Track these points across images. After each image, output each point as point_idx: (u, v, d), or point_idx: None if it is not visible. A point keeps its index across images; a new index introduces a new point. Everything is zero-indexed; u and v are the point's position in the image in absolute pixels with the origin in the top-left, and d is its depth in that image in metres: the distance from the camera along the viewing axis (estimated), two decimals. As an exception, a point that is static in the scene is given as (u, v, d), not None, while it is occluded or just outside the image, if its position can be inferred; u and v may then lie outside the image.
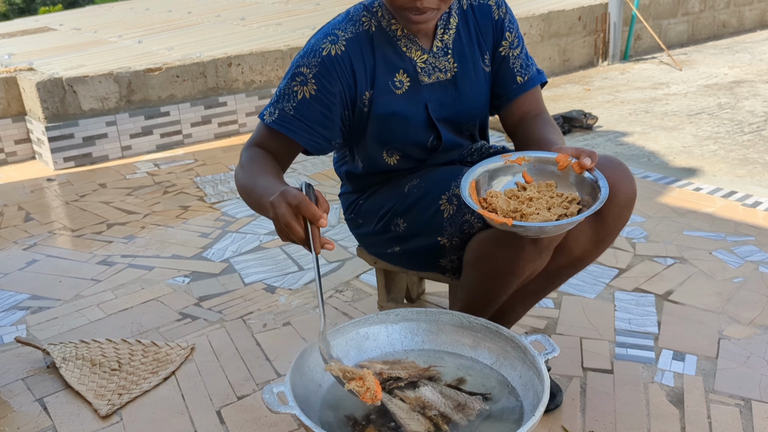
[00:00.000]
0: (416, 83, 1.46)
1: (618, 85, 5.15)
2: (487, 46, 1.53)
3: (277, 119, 1.40)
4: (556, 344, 1.22)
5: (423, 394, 1.19)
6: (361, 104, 1.44)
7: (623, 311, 2.00)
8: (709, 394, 1.62)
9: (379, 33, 1.44)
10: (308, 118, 1.39)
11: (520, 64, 1.54)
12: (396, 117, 1.46)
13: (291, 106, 1.39)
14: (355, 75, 1.41)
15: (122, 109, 3.92)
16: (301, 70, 1.39)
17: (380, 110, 1.45)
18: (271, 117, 1.41)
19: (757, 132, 3.77)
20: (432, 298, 2.02)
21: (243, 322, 2.05)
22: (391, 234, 1.56)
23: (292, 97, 1.39)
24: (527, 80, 1.54)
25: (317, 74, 1.38)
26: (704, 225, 2.56)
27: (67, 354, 1.87)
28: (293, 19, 6.12)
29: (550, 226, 1.17)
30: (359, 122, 1.47)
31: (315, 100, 1.39)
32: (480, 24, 1.51)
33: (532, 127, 1.50)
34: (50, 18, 8.73)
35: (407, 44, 1.45)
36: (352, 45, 1.41)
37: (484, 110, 1.58)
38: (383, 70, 1.44)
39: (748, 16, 7.21)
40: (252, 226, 2.80)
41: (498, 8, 1.52)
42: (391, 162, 1.54)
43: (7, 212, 3.14)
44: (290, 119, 1.39)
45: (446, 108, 1.50)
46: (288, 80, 1.41)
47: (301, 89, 1.39)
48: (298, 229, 1.11)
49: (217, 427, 1.60)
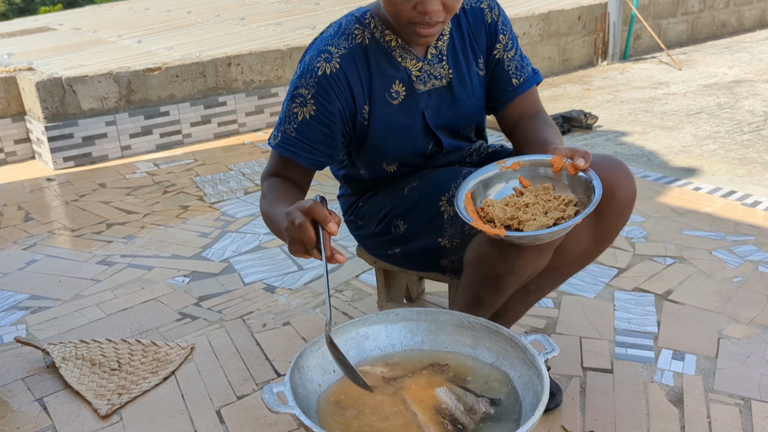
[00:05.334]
0: (412, 92, 1.46)
1: (617, 84, 5.15)
2: (480, 50, 1.52)
3: (281, 142, 1.42)
4: (555, 344, 1.22)
5: (438, 395, 1.19)
6: (361, 118, 1.45)
7: (623, 311, 2.00)
8: (708, 394, 1.62)
9: (373, 45, 1.43)
10: (310, 139, 1.41)
11: (515, 66, 1.53)
12: (394, 128, 1.46)
13: (292, 128, 1.41)
14: (352, 91, 1.41)
15: (122, 108, 3.92)
16: (300, 91, 1.40)
17: (378, 123, 1.45)
18: (275, 140, 1.44)
19: (757, 131, 3.77)
20: (432, 298, 2.02)
21: (243, 322, 2.05)
22: (392, 236, 1.56)
23: (293, 119, 1.41)
24: (523, 82, 1.54)
25: (315, 95, 1.39)
26: (704, 224, 2.56)
27: (67, 354, 1.87)
28: (293, 18, 6.12)
29: (544, 233, 1.17)
30: (360, 135, 1.48)
31: (315, 120, 1.40)
32: (473, 28, 1.51)
33: (529, 127, 1.50)
34: (50, 18, 8.73)
35: (402, 54, 1.45)
36: (346, 61, 1.40)
37: (481, 113, 1.58)
38: (379, 82, 1.44)
39: (747, 16, 7.21)
40: (252, 225, 2.80)
41: (491, 11, 1.52)
42: (391, 169, 1.55)
43: (7, 212, 3.14)
44: (293, 141, 1.41)
45: (443, 114, 1.50)
46: (288, 102, 1.42)
47: (301, 110, 1.40)
48: (310, 230, 1.10)
49: (216, 427, 1.60)
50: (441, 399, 1.18)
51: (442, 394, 1.19)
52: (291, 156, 1.42)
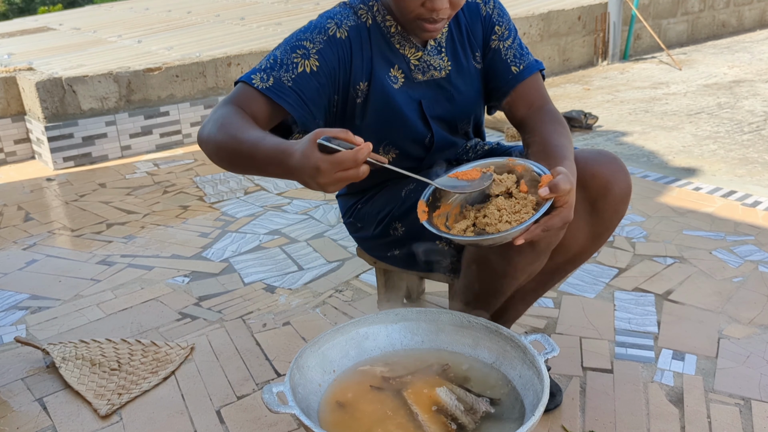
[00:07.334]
0: (409, 80, 1.47)
1: (618, 84, 5.15)
2: (477, 43, 1.53)
3: (273, 87, 1.33)
4: (555, 344, 1.22)
5: (438, 395, 1.19)
6: (353, 93, 1.43)
7: (623, 311, 2.00)
8: (708, 394, 1.62)
9: (374, 28, 1.44)
10: (304, 93, 1.35)
11: (514, 54, 1.52)
12: (394, 110, 1.46)
13: (290, 77, 1.34)
14: (352, 62, 1.41)
15: (122, 108, 3.92)
16: (305, 44, 1.37)
17: (379, 102, 1.44)
18: (263, 83, 1.34)
19: (757, 131, 3.77)
20: (432, 298, 2.02)
21: (243, 322, 2.05)
22: (391, 238, 1.56)
23: (291, 68, 1.35)
24: (523, 69, 1.51)
25: (321, 51, 1.36)
26: (704, 224, 2.56)
27: (67, 354, 1.87)
28: (292, 18, 6.12)
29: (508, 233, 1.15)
30: (350, 113, 1.46)
31: (314, 76, 1.36)
32: (470, 22, 1.52)
33: (540, 124, 1.45)
34: (50, 18, 8.72)
35: (401, 41, 1.46)
36: (354, 33, 1.41)
37: (479, 108, 1.58)
38: (380, 63, 1.44)
39: (747, 16, 7.21)
40: (252, 225, 2.80)
41: (485, 5, 1.52)
42: (387, 159, 1.53)
43: (7, 212, 3.13)
44: (287, 90, 1.33)
45: (440, 106, 1.50)
46: (287, 51, 1.36)
47: (303, 62, 1.35)
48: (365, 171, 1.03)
49: (216, 427, 1.60)
50: (441, 399, 1.18)
51: (442, 394, 1.19)
52: (283, 104, 1.32)
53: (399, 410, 1.17)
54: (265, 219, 2.86)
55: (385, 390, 1.22)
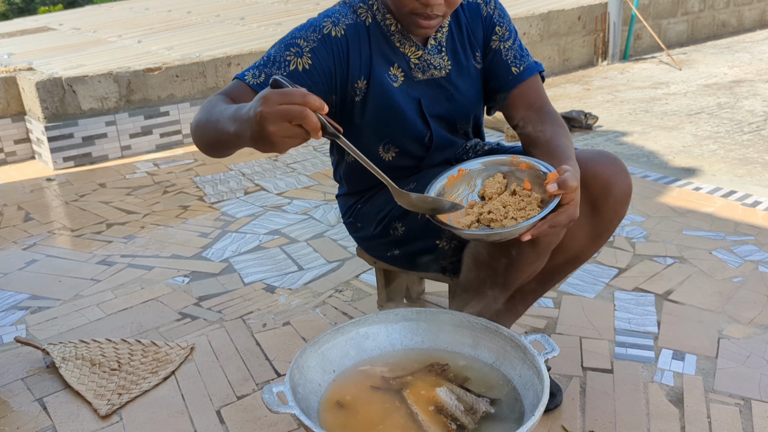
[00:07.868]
0: (409, 79, 1.47)
1: (618, 84, 5.15)
2: (477, 43, 1.53)
3: (263, 83, 1.33)
4: (555, 344, 1.22)
5: (438, 395, 1.19)
6: (352, 92, 1.44)
7: (623, 311, 2.00)
8: (708, 394, 1.62)
9: (374, 26, 1.45)
10: None
11: (514, 55, 1.53)
12: (394, 108, 1.46)
13: (282, 74, 1.34)
14: (350, 60, 1.41)
15: (122, 108, 3.92)
16: (298, 42, 1.37)
17: (378, 100, 1.44)
18: (255, 79, 1.34)
19: (757, 131, 3.77)
20: (432, 298, 2.02)
21: (243, 322, 2.05)
22: (390, 238, 1.56)
23: (283, 66, 1.35)
24: (523, 70, 1.52)
25: (314, 49, 1.37)
26: (704, 224, 2.56)
27: (67, 354, 1.87)
28: (292, 18, 6.12)
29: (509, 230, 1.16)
30: (349, 111, 1.46)
31: (306, 74, 1.36)
32: (470, 22, 1.52)
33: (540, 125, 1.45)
34: (50, 18, 8.73)
35: (401, 40, 1.46)
36: (351, 31, 1.41)
37: (478, 108, 1.58)
38: (379, 61, 1.44)
39: (747, 16, 7.21)
40: (251, 225, 2.80)
41: (486, 5, 1.53)
42: (387, 158, 1.53)
43: (7, 212, 3.14)
44: None
45: (440, 105, 1.51)
46: (281, 48, 1.37)
47: (295, 60, 1.36)
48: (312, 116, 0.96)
49: (216, 427, 1.60)
50: (441, 399, 1.18)
51: (442, 394, 1.19)
52: None
53: (399, 410, 1.17)
54: (265, 219, 2.86)
55: (385, 390, 1.22)
